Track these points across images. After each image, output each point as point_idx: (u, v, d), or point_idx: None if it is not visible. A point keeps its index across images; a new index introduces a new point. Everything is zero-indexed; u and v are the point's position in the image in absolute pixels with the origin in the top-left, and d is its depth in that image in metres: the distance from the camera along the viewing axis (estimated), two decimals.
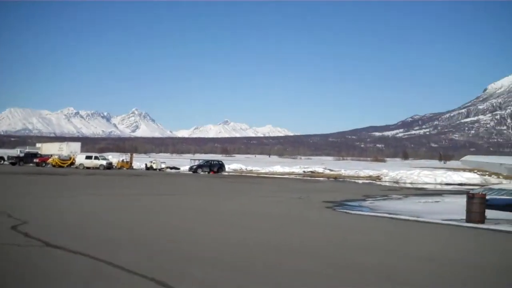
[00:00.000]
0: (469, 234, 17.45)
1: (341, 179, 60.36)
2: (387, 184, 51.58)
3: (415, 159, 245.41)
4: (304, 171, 77.58)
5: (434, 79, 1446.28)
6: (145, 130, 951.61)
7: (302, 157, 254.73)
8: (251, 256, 12.07)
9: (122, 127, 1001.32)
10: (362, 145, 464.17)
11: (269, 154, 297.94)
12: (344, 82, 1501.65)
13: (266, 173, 74.49)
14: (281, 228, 17.65)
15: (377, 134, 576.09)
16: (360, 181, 55.96)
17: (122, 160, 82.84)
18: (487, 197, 22.47)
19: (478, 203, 20.40)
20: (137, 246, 12.75)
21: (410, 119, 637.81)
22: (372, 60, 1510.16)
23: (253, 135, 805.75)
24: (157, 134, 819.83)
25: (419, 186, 47.99)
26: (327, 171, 77.54)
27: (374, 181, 56.57)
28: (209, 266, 10.77)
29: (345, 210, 24.26)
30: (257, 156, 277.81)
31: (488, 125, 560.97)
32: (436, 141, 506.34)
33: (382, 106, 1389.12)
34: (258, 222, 19.15)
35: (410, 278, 10.32)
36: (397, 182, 53.71)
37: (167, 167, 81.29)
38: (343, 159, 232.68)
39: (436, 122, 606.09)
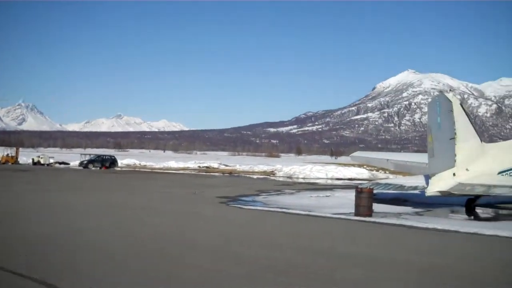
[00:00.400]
0: (358, 227, 17.92)
1: (236, 174, 60.54)
2: (281, 179, 52.35)
3: (308, 155, 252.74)
4: (199, 166, 77.17)
5: (326, 78, 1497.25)
6: (32, 123, 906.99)
7: (198, 152, 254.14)
8: (144, 252, 11.66)
9: (7, 119, 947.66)
10: (257, 141, 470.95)
11: (164, 149, 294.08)
12: (240, 78, 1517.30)
13: (160, 169, 73.29)
14: (173, 223, 17.28)
15: (271, 130, 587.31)
16: (255, 176, 56.43)
17: (7, 155, 78.42)
18: (375, 192, 23.32)
19: (366, 197, 21.05)
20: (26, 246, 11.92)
21: (304, 115, 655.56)
22: (266, 57, 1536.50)
23: (147, 129, 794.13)
24: (45, 128, 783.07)
25: (312, 181, 49.11)
26: (222, 166, 77.54)
27: (268, 176, 57.24)
28: (96, 263, 10.32)
29: (238, 205, 24.21)
30: (152, 151, 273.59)
31: (376, 123, 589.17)
32: (328, 137, 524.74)
33: (277, 102, 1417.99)
34: (150, 218, 18.62)
35: (300, 271, 10.37)
36: (290, 177, 54.67)
37: (56, 162, 77.89)
38: (239, 155, 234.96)
39: (328, 119, 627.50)
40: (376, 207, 21.87)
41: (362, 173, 56.08)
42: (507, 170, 23.58)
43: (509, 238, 15.46)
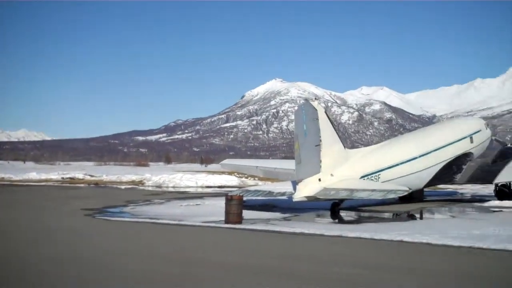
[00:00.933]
0: (228, 234, 17.89)
1: (102, 185, 58.45)
2: (150, 188, 51.34)
3: (178, 163, 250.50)
4: (62, 178, 73.64)
5: (196, 85, 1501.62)
6: None
7: (61, 163, 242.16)
8: None
9: None
10: (125, 150, 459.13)
11: (24, 160, 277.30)
12: (107, 85, 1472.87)
13: (20, 181, 68.93)
14: (32, 240, 16.13)
15: (140, 138, 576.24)
16: (123, 187, 54.82)
17: None
18: (245, 198, 23.46)
19: (236, 204, 21.11)
20: None
21: (173, 123, 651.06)
22: (132, 64, 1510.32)
23: (5, 139, 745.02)
24: None
25: (182, 189, 48.64)
26: (88, 177, 74.68)
27: (137, 186, 55.86)
28: None
29: (105, 217, 23.27)
30: (11, 162, 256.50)
31: (245, 130, 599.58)
32: (198, 145, 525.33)
33: (145, 110, 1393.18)
34: (5, 235, 17.26)
35: (170, 283, 10.12)
36: (160, 186, 53.79)
37: None
38: (105, 164, 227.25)
39: (198, 127, 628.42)
40: (246, 213, 21.99)
41: (232, 180, 56.53)
42: (368, 174, 24.92)
43: (371, 239, 16.16)
